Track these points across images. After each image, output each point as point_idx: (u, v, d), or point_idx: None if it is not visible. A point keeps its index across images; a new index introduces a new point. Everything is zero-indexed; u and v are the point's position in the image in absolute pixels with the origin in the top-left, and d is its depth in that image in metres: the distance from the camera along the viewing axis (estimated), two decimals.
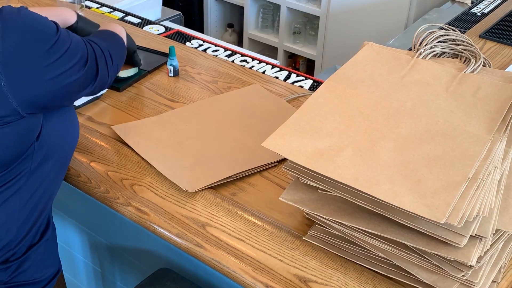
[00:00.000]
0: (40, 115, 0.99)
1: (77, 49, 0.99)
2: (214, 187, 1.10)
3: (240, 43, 3.68)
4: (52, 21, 0.97)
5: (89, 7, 1.91)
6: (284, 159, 1.16)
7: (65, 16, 1.26)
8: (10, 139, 0.93)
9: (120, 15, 1.88)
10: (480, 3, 2.14)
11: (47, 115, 1.03)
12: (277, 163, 1.16)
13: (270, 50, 3.49)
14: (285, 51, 3.40)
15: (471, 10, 2.08)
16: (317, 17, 3.11)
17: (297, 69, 3.46)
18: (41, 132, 1.01)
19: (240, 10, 3.60)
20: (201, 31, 3.63)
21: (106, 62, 1.07)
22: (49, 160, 1.04)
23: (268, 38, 3.43)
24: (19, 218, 1.01)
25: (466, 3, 2.41)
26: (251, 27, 3.49)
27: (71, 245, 1.56)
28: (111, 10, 1.91)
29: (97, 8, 1.92)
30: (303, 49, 3.30)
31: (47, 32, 0.93)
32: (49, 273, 1.13)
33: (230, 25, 3.67)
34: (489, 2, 2.14)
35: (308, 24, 3.32)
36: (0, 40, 0.86)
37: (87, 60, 1.00)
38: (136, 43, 1.61)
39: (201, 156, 1.17)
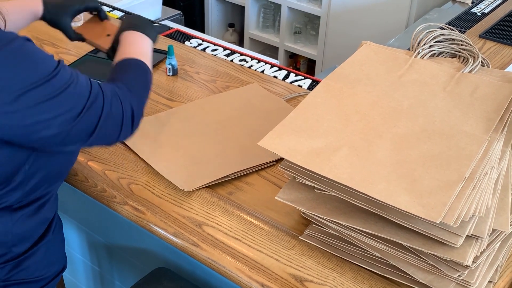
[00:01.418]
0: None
1: (69, 98, 0.86)
2: (211, 186, 1.10)
3: (241, 43, 3.67)
4: (59, 62, 0.86)
5: None
6: (282, 159, 1.16)
7: (30, 7, 1.15)
8: None
9: (120, 14, 1.88)
10: (481, 3, 2.13)
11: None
12: (274, 163, 1.16)
13: (271, 50, 3.49)
14: (286, 51, 3.40)
15: (471, 10, 2.07)
16: (318, 17, 3.10)
17: (298, 69, 3.46)
18: (32, 158, 0.92)
19: (241, 9, 3.59)
20: (202, 31, 3.62)
21: (122, 122, 0.94)
22: (43, 186, 0.99)
23: (269, 38, 3.42)
24: (12, 225, 0.98)
25: (466, 3, 2.41)
26: (252, 27, 3.49)
27: (69, 244, 1.56)
28: (111, 9, 1.91)
29: None
30: (304, 49, 3.29)
31: (33, 70, 0.82)
32: (52, 271, 1.10)
33: (231, 25, 3.67)
34: (489, 2, 2.14)
35: (309, 24, 3.32)
36: None
37: (80, 113, 0.87)
38: None
39: (198, 155, 1.16)
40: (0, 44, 0.80)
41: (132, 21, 1.16)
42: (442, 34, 1.10)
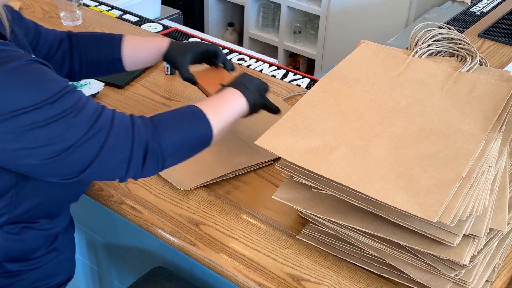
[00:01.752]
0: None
1: (63, 128, 0.78)
2: (208, 185, 1.10)
3: (240, 42, 3.67)
4: (66, 87, 0.80)
5: (88, 5, 1.90)
6: (279, 158, 1.15)
7: (156, 44, 1.16)
8: None
9: (119, 13, 1.88)
10: (480, 2, 2.13)
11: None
12: (271, 162, 1.16)
13: (270, 50, 3.49)
14: (286, 51, 3.40)
15: (470, 9, 2.07)
16: (318, 16, 3.10)
17: (298, 69, 3.45)
18: (21, 185, 0.88)
19: (240, 9, 3.59)
20: (202, 30, 3.62)
21: (129, 160, 0.84)
22: (36, 215, 0.94)
23: (269, 37, 3.42)
24: (3, 243, 0.93)
25: (466, 2, 2.41)
26: (252, 26, 3.48)
27: None
28: (110, 8, 1.91)
29: (95, 6, 1.92)
30: (304, 48, 3.29)
31: (26, 94, 0.75)
32: (55, 282, 1.06)
33: (230, 24, 3.67)
34: (488, 1, 2.14)
35: (308, 23, 3.32)
36: None
37: (73, 145, 0.79)
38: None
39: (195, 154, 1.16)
40: None
41: (244, 80, 1.06)
42: (440, 33, 1.10)
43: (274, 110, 1.10)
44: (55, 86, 0.79)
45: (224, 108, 0.98)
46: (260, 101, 1.06)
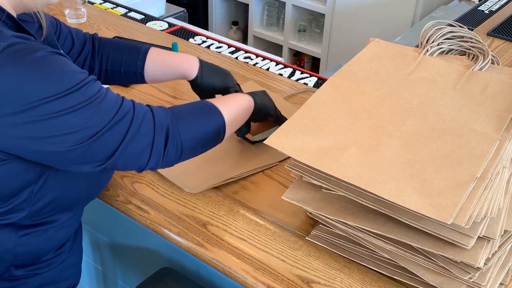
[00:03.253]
0: (33, 161, 0.84)
1: (89, 114, 0.79)
2: (216, 186, 1.08)
3: (244, 40, 3.66)
4: (87, 77, 0.81)
5: (92, 3, 1.89)
6: (286, 159, 1.14)
7: (183, 69, 1.13)
8: None
9: (123, 11, 1.86)
10: (488, 1, 2.11)
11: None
12: (278, 163, 1.14)
13: (275, 48, 3.47)
14: (290, 49, 3.38)
15: (478, 8, 2.05)
16: (323, 15, 3.08)
17: (302, 67, 3.44)
18: (42, 180, 0.88)
19: (245, 7, 3.57)
20: (206, 28, 3.61)
21: (151, 146, 0.86)
22: (52, 211, 0.93)
23: (273, 35, 3.40)
24: (14, 246, 0.93)
25: (473, 1, 2.39)
26: (256, 25, 3.47)
27: None
28: (114, 6, 1.90)
29: (100, 3, 1.90)
30: (308, 47, 3.27)
31: (52, 82, 0.77)
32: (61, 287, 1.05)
33: (234, 23, 3.65)
34: (497, 0, 2.12)
35: (313, 22, 3.30)
36: None
37: (100, 131, 0.80)
38: (139, 39, 1.60)
39: (202, 157, 1.14)
40: (20, 54, 0.76)
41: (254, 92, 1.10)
42: (451, 31, 1.08)
43: (281, 121, 1.14)
44: (77, 75, 0.80)
45: (234, 105, 1.02)
46: (267, 103, 1.10)
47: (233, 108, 1.01)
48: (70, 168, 0.85)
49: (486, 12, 2.01)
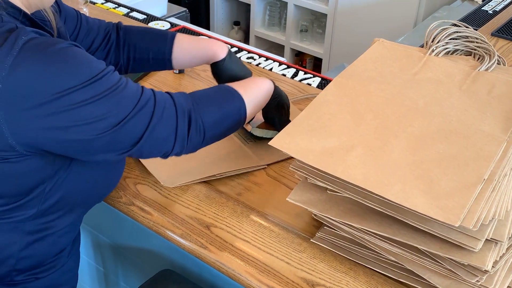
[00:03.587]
0: (52, 157, 0.85)
1: (113, 102, 0.80)
2: (219, 187, 1.07)
3: (246, 40, 3.65)
4: (107, 67, 0.81)
5: (94, 3, 1.88)
6: (275, 163, 1.13)
7: (213, 51, 1.13)
8: (8, 176, 0.83)
9: (125, 11, 1.85)
10: (492, 1, 2.10)
11: (70, 162, 0.88)
12: (265, 166, 1.14)
13: (276, 48, 3.46)
14: (292, 49, 3.37)
15: (482, 8, 2.04)
16: (325, 15, 3.07)
17: (304, 67, 3.42)
18: (56, 177, 0.88)
19: (246, 7, 3.57)
20: (207, 28, 3.60)
21: (176, 131, 0.87)
22: (60, 211, 0.93)
23: (275, 36, 3.40)
24: (19, 250, 0.92)
25: (476, 1, 2.37)
26: (258, 25, 3.46)
27: None
28: (116, 6, 1.89)
29: (102, 3, 1.89)
30: (310, 47, 3.26)
31: (74, 73, 0.77)
32: None
33: (236, 23, 3.65)
34: (501, 0, 2.11)
35: (315, 22, 3.29)
36: (9, 69, 0.74)
37: (124, 119, 0.81)
38: None
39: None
40: (41, 46, 0.77)
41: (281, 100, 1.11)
42: (456, 31, 1.08)
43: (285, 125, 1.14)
44: (97, 65, 0.81)
45: (254, 88, 1.02)
46: (284, 95, 1.11)
47: (253, 92, 1.01)
48: (96, 157, 0.86)
49: (490, 12, 2.00)
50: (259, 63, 1.55)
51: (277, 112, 1.11)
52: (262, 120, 1.17)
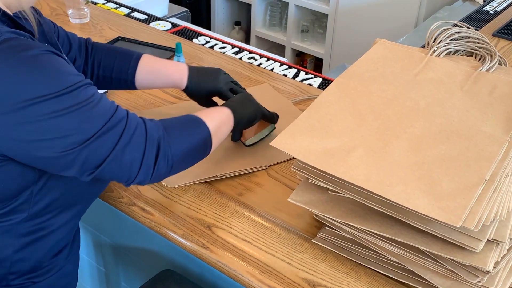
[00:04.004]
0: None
1: (81, 118, 0.77)
2: (220, 187, 1.07)
3: (247, 41, 3.65)
4: (82, 80, 0.79)
5: (95, 3, 1.88)
6: (275, 164, 1.13)
7: (173, 79, 1.14)
8: None
9: (127, 11, 1.85)
10: (493, 1, 2.10)
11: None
12: (267, 167, 1.14)
13: (277, 48, 3.46)
14: (293, 49, 3.37)
15: (483, 8, 2.04)
16: (326, 15, 3.07)
17: (305, 68, 3.42)
18: (41, 181, 0.86)
19: (247, 7, 3.57)
20: (208, 28, 3.60)
21: (142, 159, 0.84)
22: (53, 212, 0.92)
23: (276, 36, 3.39)
24: (13, 253, 0.91)
25: (477, 1, 2.37)
26: (259, 25, 3.46)
27: None
28: (117, 6, 1.89)
29: (103, 3, 1.90)
30: (311, 47, 3.26)
31: (43, 82, 0.74)
32: None
33: (237, 23, 3.64)
34: (502, 0, 2.10)
35: (316, 22, 3.29)
36: None
37: (91, 138, 0.78)
38: (142, 40, 1.59)
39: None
40: (15, 50, 0.74)
41: (237, 100, 1.10)
42: (458, 32, 1.07)
43: (274, 119, 1.17)
44: (72, 77, 0.78)
45: (217, 117, 1.01)
46: (247, 111, 1.09)
47: (216, 120, 0.99)
48: (62, 174, 0.83)
49: (491, 12, 2.00)
50: (260, 64, 1.55)
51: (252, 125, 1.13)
52: (253, 134, 1.18)
